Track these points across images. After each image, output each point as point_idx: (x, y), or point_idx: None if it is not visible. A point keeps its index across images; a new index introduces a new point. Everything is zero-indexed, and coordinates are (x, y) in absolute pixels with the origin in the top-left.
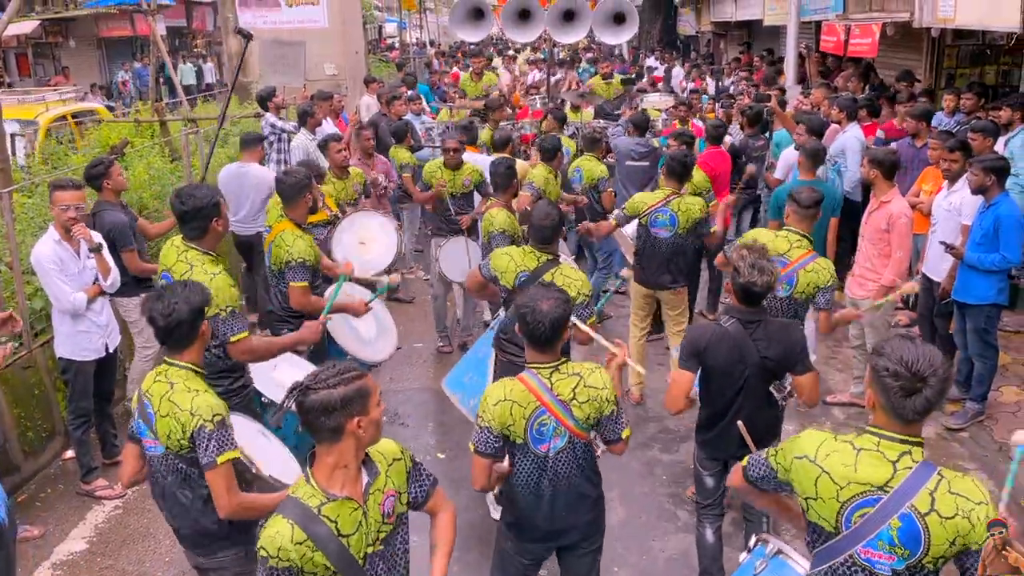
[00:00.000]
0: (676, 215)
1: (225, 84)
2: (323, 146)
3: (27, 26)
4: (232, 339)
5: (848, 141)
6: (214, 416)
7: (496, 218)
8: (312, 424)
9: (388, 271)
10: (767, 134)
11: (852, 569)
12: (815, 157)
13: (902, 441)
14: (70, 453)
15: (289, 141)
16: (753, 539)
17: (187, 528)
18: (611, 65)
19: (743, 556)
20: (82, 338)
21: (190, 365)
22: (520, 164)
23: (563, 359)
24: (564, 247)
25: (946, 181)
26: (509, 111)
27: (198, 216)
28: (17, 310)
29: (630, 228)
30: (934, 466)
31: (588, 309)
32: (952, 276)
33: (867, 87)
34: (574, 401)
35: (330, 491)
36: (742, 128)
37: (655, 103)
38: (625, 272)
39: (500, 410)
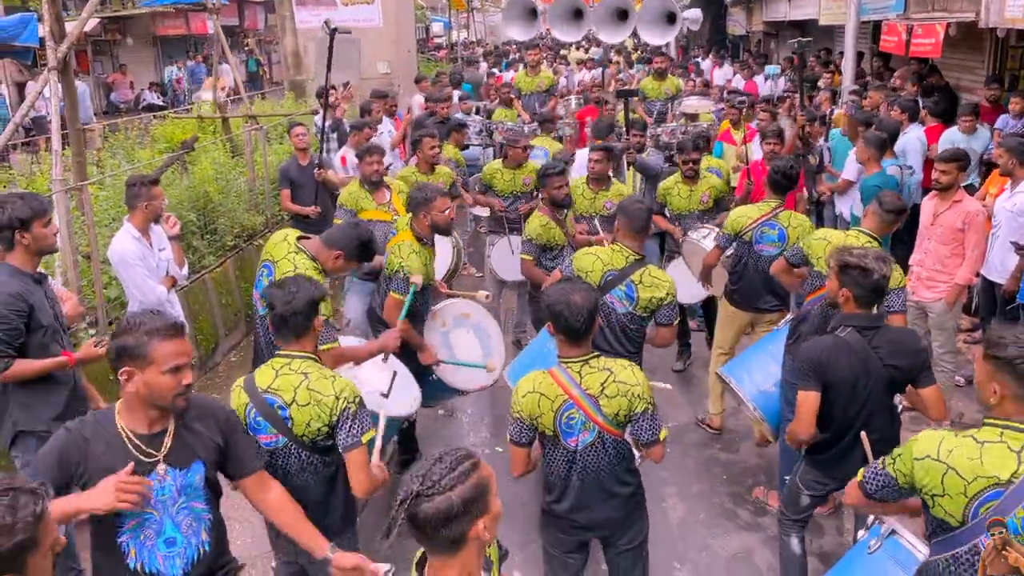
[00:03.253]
0: (786, 230)
1: (277, 83)
2: (360, 156)
3: (87, 24)
4: (323, 348)
5: (909, 143)
6: (356, 397)
7: (530, 223)
8: (428, 537)
9: (447, 281)
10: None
11: (976, 558)
12: (881, 146)
13: None
14: None
15: (340, 141)
16: (871, 518)
17: (309, 515)
18: (666, 60)
19: (861, 534)
20: None
21: (311, 355)
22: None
23: (595, 353)
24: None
25: (1009, 182)
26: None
27: (347, 239)
28: (95, 299)
29: (708, 242)
30: None
31: (673, 311)
32: (1017, 277)
33: (922, 88)
34: (603, 395)
35: None
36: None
37: (694, 106)
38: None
39: (528, 402)
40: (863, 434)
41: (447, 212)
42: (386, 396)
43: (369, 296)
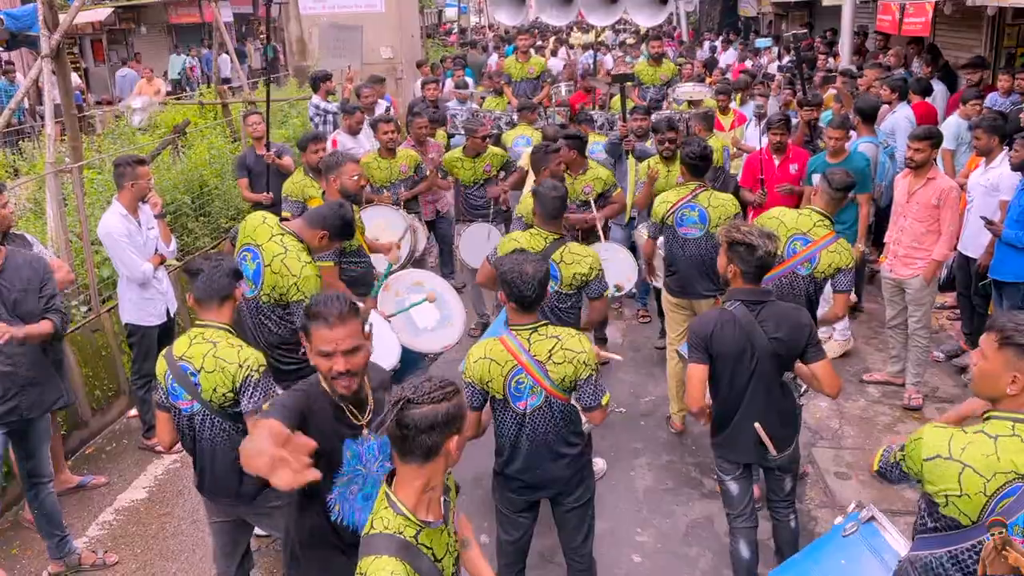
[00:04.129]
0: (706, 210)
1: (277, 73)
2: (373, 126)
3: (101, 13)
4: (322, 264)
5: (898, 122)
6: (260, 366)
7: (523, 203)
8: (409, 442)
9: (404, 266)
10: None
11: (980, 555)
12: (871, 115)
13: None
14: (133, 411)
15: (335, 124)
16: (853, 504)
17: (226, 479)
18: (662, 44)
19: (838, 519)
20: (147, 304)
21: (225, 325)
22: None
23: (544, 322)
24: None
25: (983, 159)
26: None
27: (332, 220)
28: (87, 278)
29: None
30: None
31: (602, 284)
32: (990, 252)
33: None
34: (550, 361)
35: (421, 517)
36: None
37: (688, 93)
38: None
39: (479, 367)
40: (757, 425)
41: (356, 179)
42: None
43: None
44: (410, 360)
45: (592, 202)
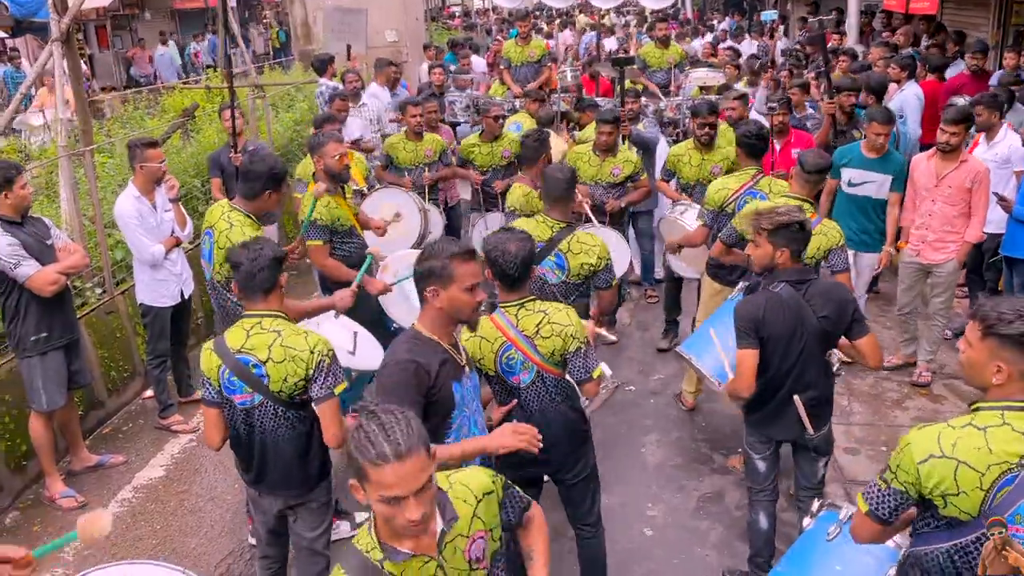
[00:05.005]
0: (768, 197)
1: (290, 56)
2: (402, 108)
3: None
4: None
5: (908, 100)
6: (330, 351)
7: (512, 193)
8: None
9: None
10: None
11: (983, 547)
12: (880, 92)
13: None
14: (149, 392)
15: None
16: (816, 504)
17: (288, 470)
18: (668, 27)
19: (807, 521)
20: (160, 286)
21: (279, 312)
22: (557, 141)
23: (531, 297)
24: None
25: (982, 134)
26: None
27: (257, 179)
28: (100, 260)
29: (688, 217)
30: None
31: (610, 274)
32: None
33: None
34: (538, 336)
35: (393, 546)
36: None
37: (702, 78)
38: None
39: (470, 345)
40: (796, 397)
41: (338, 157)
42: (353, 353)
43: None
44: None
45: (622, 185)
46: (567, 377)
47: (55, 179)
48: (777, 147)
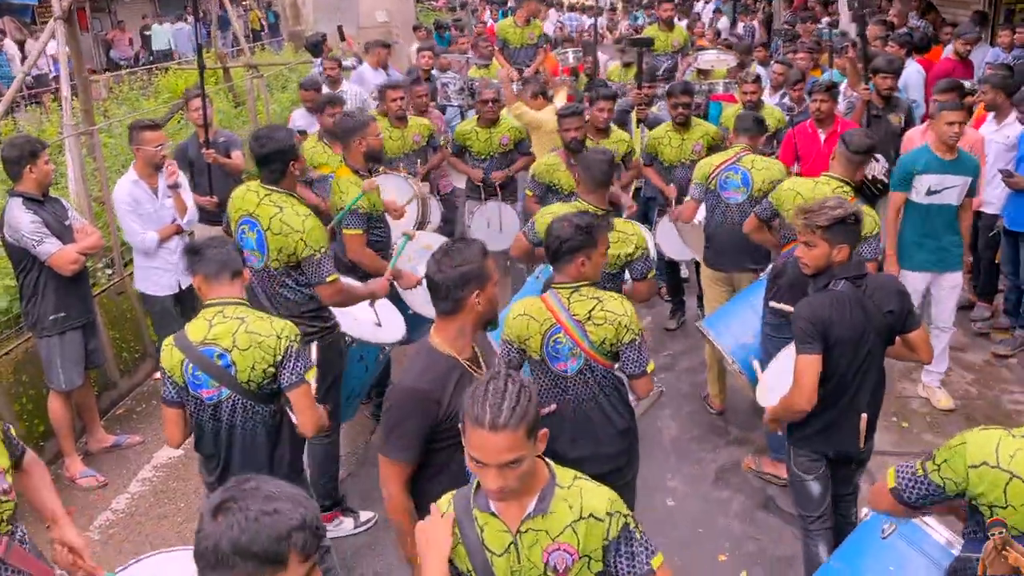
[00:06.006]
0: (749, 173)
1: (279, 37)
2: (381, 93)
3: None
4: (328, 279)
5: (910, 76)
6: (296, 335)
7: (539, 161)
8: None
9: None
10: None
11: None
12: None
13: None
14: (158, 374)
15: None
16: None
17: (256, 467)
18: (671, 8)
19: (864, 512)
20: (154, 274)
21: (241, 299)
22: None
23: (586, 283)
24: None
25: (991, 114)
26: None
27: (277, 159)
28: (110, 240)
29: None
30: None
31: (646, 264)
32: None
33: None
34: (590, 322)
35: (485, 495)
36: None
37: (711, 61)
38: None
39: (518, 324)
40: (863, 416)
41: (380, 136)
42: (380, 325)
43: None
44: (419, 326)
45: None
46: (616, 372)
47: (58, 160)
48: (822, 138)
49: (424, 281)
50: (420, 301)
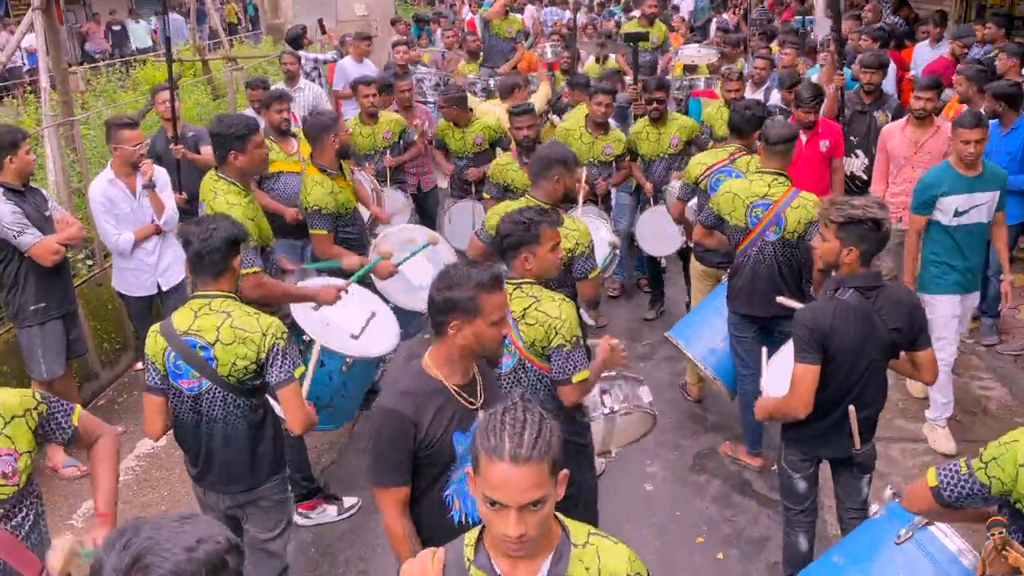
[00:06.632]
0: (744, 176)
1: (258, 30)
2: (353, 88)
3: None
4: (246, 270)
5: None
6: (284, 333)
7: (494, 161)
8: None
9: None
10: None
11: None
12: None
13: None
14: (140, 364)
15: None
16: (889, 492)
17: (236, 462)
18: (656, 5)
19: (874, 508)
20: (131, 275)
21: (230, 293)
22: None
23: (530, 280)
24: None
25: (965, 107)
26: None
27: (219, 144)
28: (91, 231)
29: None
30: None
31: (589, 262)
32: None
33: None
34: (524, 320)
35: (488, 553)
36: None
37: (692, 56)
38: (615, 240)
39: None
40: (851, 408)
41: (349, 131)
42: (356, 337)
43: None
44: (403, 321)
45: (613, 163)
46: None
47: (36, 152)
48: (803, 139)
49: (399, 271)
50: (399, 294)
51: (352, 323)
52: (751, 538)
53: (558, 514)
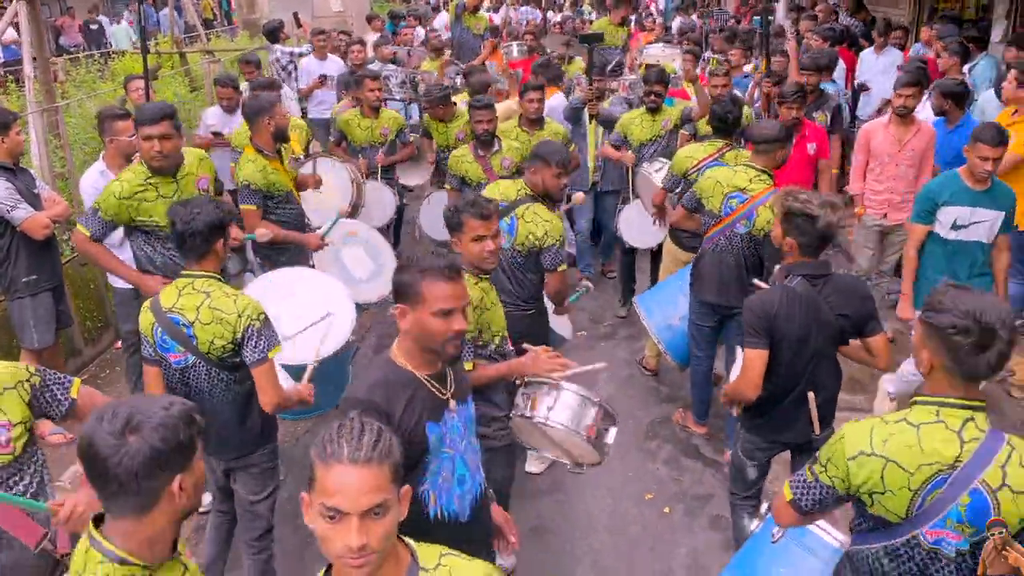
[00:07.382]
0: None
1: (232, 26)
2: (359, 82)
3: None
4: (77, 227)
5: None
6: (260, 315)
7: (452, 154)
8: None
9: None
10: None
11: (914, 551)
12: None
13: (963, 406)
14: (119, 344)
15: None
16: (765, 506)
17: (224, 432)
18: (628, 9)
19: (754, 524)
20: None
21: (213, 274)
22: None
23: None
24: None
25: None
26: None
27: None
28: (74, 214)
29: (660, 176)
30: (1003, 435)
31: (558, 256)
32: None
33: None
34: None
35: None
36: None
37: (657, 55)
38: (588, 284)
39: None
40: (810, 395)
41: (287, 116)
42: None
43: None
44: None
45: None
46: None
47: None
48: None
49: (339, 255)
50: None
51: (301, 322)
52: (696, 495)
53: (407, 539)
